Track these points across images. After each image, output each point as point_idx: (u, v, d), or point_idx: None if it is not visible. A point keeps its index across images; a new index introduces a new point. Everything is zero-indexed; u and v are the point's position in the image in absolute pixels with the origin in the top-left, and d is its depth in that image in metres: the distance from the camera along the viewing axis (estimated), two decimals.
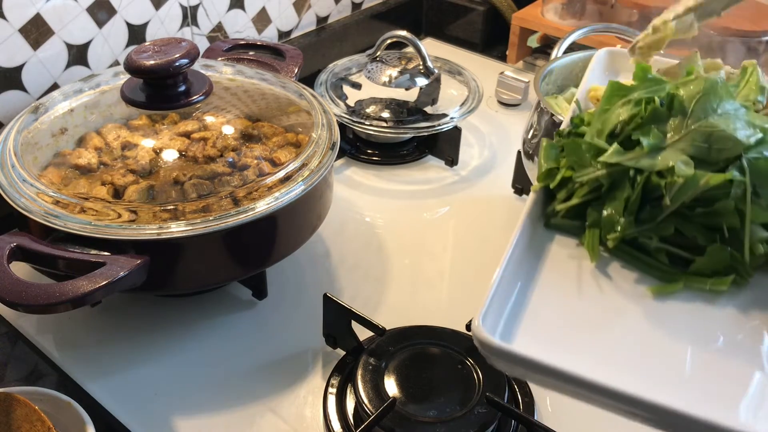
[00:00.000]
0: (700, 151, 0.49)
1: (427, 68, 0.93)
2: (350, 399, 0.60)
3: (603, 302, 0.48)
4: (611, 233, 0.50)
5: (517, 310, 0.47)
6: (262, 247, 0.64)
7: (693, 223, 0.49)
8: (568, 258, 0.51)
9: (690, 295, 0.49)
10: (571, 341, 0.46)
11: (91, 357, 0.65)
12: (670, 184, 0.48)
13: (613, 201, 0.50)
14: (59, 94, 0.71)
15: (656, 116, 0.51)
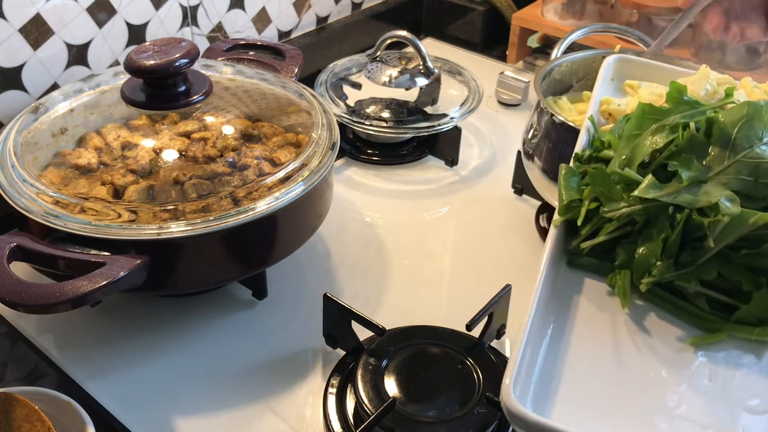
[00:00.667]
0: (745, 186, 0.45)
1: (427, 68, 0.93)
2: (350, 399, 0.60)
3: (643, 365, 0.43)
4: (645, 277, 0.46)
5: (549, 373, 0.42)
6: (262, 247, 0.64)
7: (737, 265, 0.45)
8: (599, 310, 0.46)
9: (734, 345, 0.44)
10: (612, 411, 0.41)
11: (91, 357, 0.65)
12: (713, 223, 0.43)
13: (648, 240, 0.46)
14: (59, 94, 0.71)
15: (694, 144, 0.47)
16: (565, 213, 0.49)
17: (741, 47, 0.97)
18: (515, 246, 0.79)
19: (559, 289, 0.47)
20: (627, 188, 0.47)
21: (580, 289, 0.48)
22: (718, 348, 0.44)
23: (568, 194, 0.49)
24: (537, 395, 0.41)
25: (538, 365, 0.43)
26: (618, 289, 0.47)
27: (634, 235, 0.47)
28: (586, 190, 0.49)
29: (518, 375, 0.40)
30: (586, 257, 0.49)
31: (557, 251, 0.49)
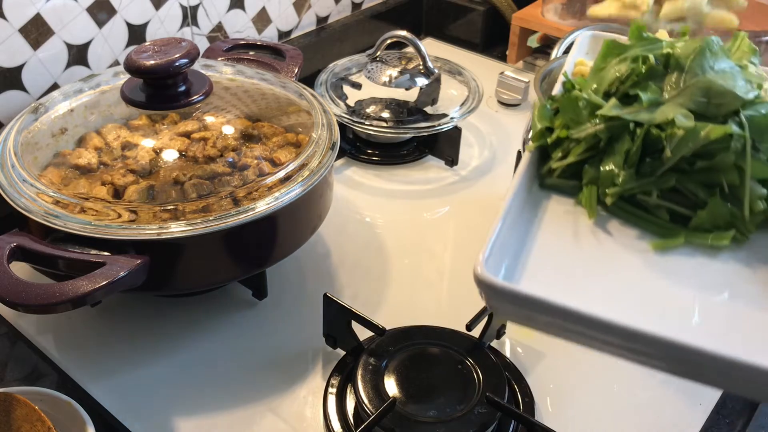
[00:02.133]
0: (699, 106, 0.49)
1: (427, 68, 0.93)
2: (350, 399, 0.60)
3: (603, 253, 0.48)
4: (610, 188, 0.50)
5: (518, 257, 0.47)
6: (262, 247, 0.64)
7: (693, 178, 0.49)
8: (565, 214, 0.51)
9: (691, 250, 0.48)
10: (575, 285, 0.46)
11: (91, 357, 0.65)
12: (670, 136, 0.48)
13: (612, 155, 0.50)
14: (59, 94, 0.71)
15: (653, 73, 0.52)
16: (538, 140, 0.54)
17: None
18: None
19: (532, 204, 0.52)
20: (593, 113, 0.51)
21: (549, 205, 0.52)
22: (676, 252, 0.48)
23: (541, 122, 0.54)
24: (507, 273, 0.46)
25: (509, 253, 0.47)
26: (584, 201, 0.51)
27: (600, 155, 0.51)
28: (558, 120, 0.53)
29: (491, 253, 0.44)
30: (557, 178, 0.53)
31: (531, 173, 0.53)
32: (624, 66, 0.53)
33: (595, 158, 0.51)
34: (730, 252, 0.48)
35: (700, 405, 0.62)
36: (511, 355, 0.66)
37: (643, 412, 0.61)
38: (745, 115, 0.49)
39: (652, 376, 0.64)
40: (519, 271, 0.46)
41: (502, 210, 0.48)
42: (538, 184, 0.53)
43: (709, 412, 0.61)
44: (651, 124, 0.49)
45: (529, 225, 0.50)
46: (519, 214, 0.50)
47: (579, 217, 0.51)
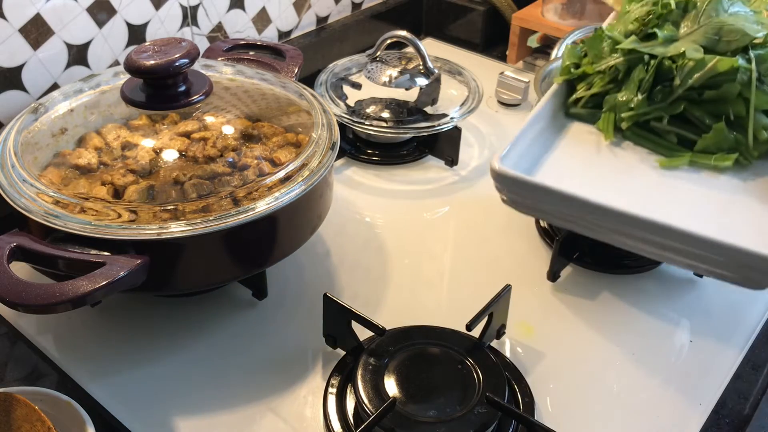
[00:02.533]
0: (710, 42, 0.54)
1: (427, 68, 0.93)
2: (350, 399, 0.60)
3: (615, 163, 0.55)
4: (626, 112, 0.55)
5: (537, 161, 0.54)
6: (262, 247, 0.64)
7: (701, 106, 0.53)
8: (587, 134, 0.58)
9: (696, 169, 0.54)
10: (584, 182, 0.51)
11: (91, 357, 0.65)
12: (680, 66, 0.53)
13: (628, 85, 0.56)
14: (59, 94, 0.71)
15: (672, 16, 0.57)
16: (566, 74, 0.60)
17: None
18: (515, 246, 0.79)
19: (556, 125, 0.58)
20: (614, 48, 0.57)
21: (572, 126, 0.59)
22: (682, 170, 0.54)
23: (569, 59, 0.61)
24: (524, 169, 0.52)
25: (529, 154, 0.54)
26: (603, 126, 0.57)
27: (619, 86, 0.57)
28: (585, 59, 0.60)
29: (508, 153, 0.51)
30: (581, 108, 0.59)
31: (556, 101, 0.60)
32: (645, 8, 0.58)
33: (615, 89, 0.57)
34: (732, 173, 0.53)
35: (700, 405, 0.62)
36: (511, 355, 0.66)
37: (643, 412, 0.61)
38: (754, 52, 0.53)
39: (652, 376, 0.64)
40: (535, 170, 0.53)
41: (525, 122, 0.54)
42: (564, 113, 0.60)
43: (709, 412, 0.61)
44: (664, 57, 0.54)
45: (551, 140, 0.57)
46: (542, 131, 0.56)
47: (597, 137, 0.57)
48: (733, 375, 0.64)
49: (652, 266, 0.75)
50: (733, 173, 0.53)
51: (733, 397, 0.63)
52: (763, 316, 0.71)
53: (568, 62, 0.60)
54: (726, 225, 0.48)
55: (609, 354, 0.66)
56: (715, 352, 0.67)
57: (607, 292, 0.73)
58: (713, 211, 0.50)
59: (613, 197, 0.48)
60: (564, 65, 0.60)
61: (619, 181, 0.53)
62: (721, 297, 0.73)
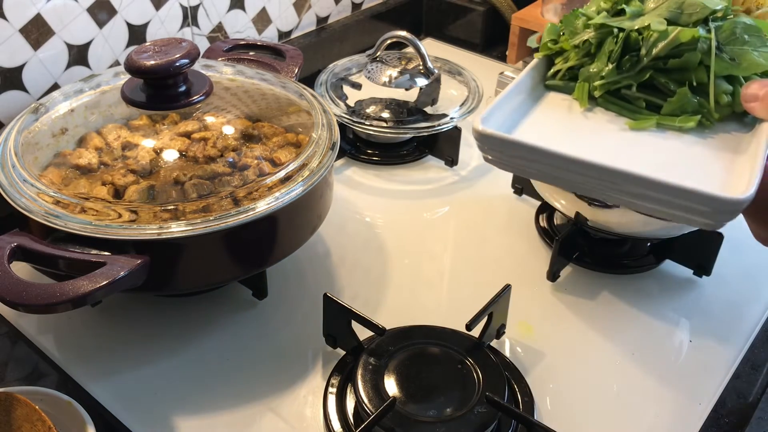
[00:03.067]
0: (673, 15, 0.59)
1: (427, 68, 0.93)
2: (350, 399, 0.60)
3: (587, 124, 0.59)
4: (598, 81, 0.60)
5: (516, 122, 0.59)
6: (262, 247, 0.64)
7: (666, 74, 0.58)
8: (561, 101, 0.63)
9: (662, 130, 0.58)
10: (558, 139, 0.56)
11: (91, 357, 0.65)
12: (646, 38, 0.58)
13: (600, 56, 0.61)
14: (60, 94, 0.71)
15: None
16: (545, 49, 0.65)
17: None
18: (515, 246, 0.79)
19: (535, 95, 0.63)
20: (588, 24, 0.62)
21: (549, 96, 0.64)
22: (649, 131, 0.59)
23: (549, 35, 0.65)
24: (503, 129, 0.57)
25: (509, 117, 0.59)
26: (578, 93, 0.62)
27: (592, 58, 0.62)
28: (563, 37, 0.65)
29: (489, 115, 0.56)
30: (559, 80, 0.64)
31: (536, 74, 0.64)
32: None
33: (589, 62, 0.62)
34: (695, 132, 0.58)
35: (700, 404, 0.62)
36: (511, 355, 0.66)
37: (642, 412, 0.61)
38: (713, 23, 0.58)
39: (652, 376, 0.64)
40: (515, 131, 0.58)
41: (506, 90, 0.59)
42: (543, 85, 0.64)
43: (709, 411, 0.61)
44: (631, 29, 0.59)
45: (530, 107, 0.61)
46: (522, 101, 0.61)
47: (573, 104, 0.62)
48: (732, 375, 0.65)
49: (652, 266, 0.75)
50: (696, 132, 0.58)
51: (733, 396, 0.63)
52: (763, 316, 0.71)
53: (547, 39, 0.65)
54: (685, 173, 0.53)
55: (609, 354, 0.66)
56: (715, 351, 0.67)
57: (607, 292, 0.73)
58: (676, 162, 0.55)
59: (587, 153, 0.53)
60: (543, 42, 0.65)
61: (592, 140, 0.58)
62: (721, 297, 0.73)
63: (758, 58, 0.57)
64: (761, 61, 0.57)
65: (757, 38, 0.58)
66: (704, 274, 0.74)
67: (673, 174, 0.51)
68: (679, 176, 0.51)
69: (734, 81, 0.58)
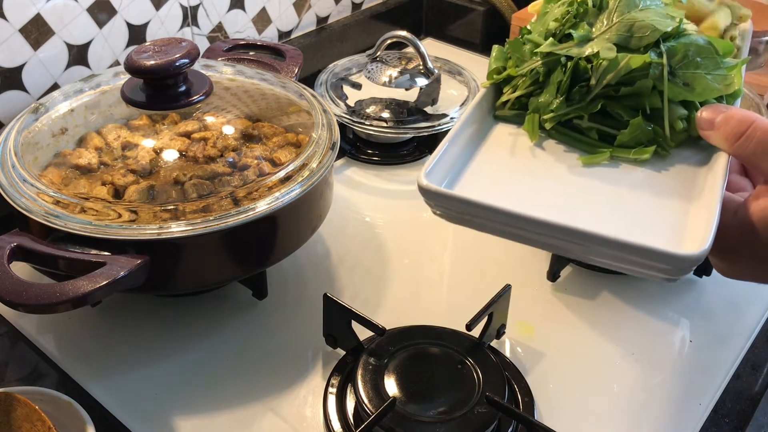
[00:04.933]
0: (623, 40, 0.55)
1: (427, 68, 0.93)
2: (350, 399, 0.60)
3: (541, 161, 0.56)
4: (547, 114, 0.57)
5: (461, 170, 0.55)
6: (262, 247, 0.64)
7: (619, 102, 0.55)
8: (514, 135, 0.59)
9: (615, 165, 0.55)
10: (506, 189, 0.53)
11: (91, 357, 0.65)
12: (596, 66, 0.55)
13: (548, 87, 0.57)
14: (59, 94, 0.71)
15: (587, 15, 0.58)
16: (492, 77, 0.61)
17: None
18: (515, 246, 0.79)
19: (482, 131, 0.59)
20: (534, 51, 0.59)
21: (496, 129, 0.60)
22: (602, 165, 0.55)
23: (496, 62, 0.61)
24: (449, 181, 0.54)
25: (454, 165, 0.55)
26: (527, 126, 0.58)
27: (541, 87, 0.58)
28: (510, 61, 0.61)
29: (434, 167, 0.52)
30: (508, 110, 0.60)
31: (484, 106, 0.60)
32: (561, 9, 0.59)
33: (538, 91, 0.58)
34: (651, 165, 0.55)
35: (700, 405, 0.62)
36: (511, 355, 0.66)
37: (643, 412, 0.61)
38: (665, 45, 0.55)
39: (652, 376, 0.64)
40: (459, 180, 0.54)
41: (450, 133, 0.55)
42: (492, 115, 0.60)
43: (709, 412, 0.61)
44: (579, 57, 0.55)
45: (479, 144, 0.58)
46: (468, 139, 0.57)
47: (519, 137, 0.58)
48: (732, 375, 0.65)
49: None
50: (652, 165, 0.55)
51: (733, 396, 0.63)
52: (763, 316, 0.71)
53: (494, 65, 0.61)
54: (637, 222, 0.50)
55: (609, 354, 0.66)
56: (715, 351, 0.67)
57: (607, 292, 0.73)
58: (628, 207, 0.52)
59: (535, 200, 0.50)
60: (490, 69, 0.61)
61: (544, 183, 0.54)
62: (721, 297, 0.73)
63: (712, 83, 0.54)
64: (715, 86, 0.54)
65: (710, 61, 0.55)
66: (704, 275, 0.74)
67: (625, 223, 0.49)
68: (630, 227, 0.48)
69: (689, 105, 0.55)
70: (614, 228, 0.46)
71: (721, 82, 0.55)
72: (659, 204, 0.51)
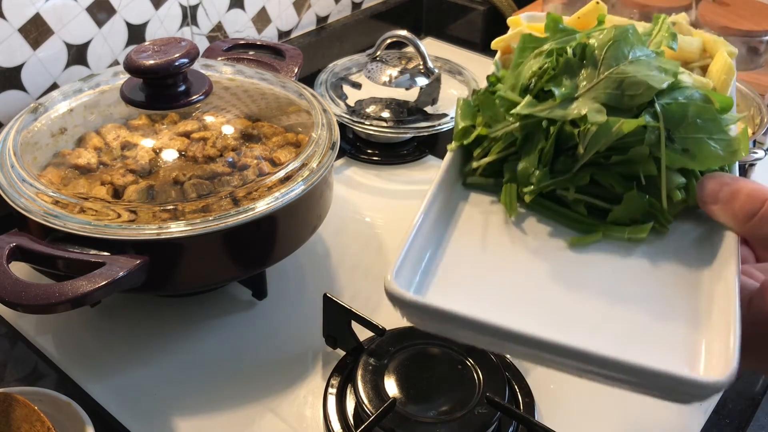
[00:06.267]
0: (612, 99, 0.48)
1: (427, 68, 0.93)
2: (350, 399, 0.60)
3: (516, 255, 0.47)
4: (527, 186, 0.49)
5: (430, 266, 0.46)
6: (262, 247, 0.63)
7: (609, 171, 0.48)
8: (480, 214, 0.50)
9: (608, 245, 0.47)
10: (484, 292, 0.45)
11: (90, 357, 0.65)
12: (583, 132, 0.47)
13: (528, 154, 0.49)
14: (59, 93, 0.71)
15: (569, 67, 0.50)
16: (459, 139, 0.52)
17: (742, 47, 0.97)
18: None
19: (451, 206, 0.51)
20: (510, 110, 0.50)
21: (467, 205, 0.51)
22: (593, 248, 0.47)
23: (463, 121, 0.53)
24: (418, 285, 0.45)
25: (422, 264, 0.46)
26: (504, 201, 0.50)
27: (518, 152, 0.50)
28: (479, 118, 0.52)
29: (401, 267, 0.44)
30: (479, 177, 0.52)
31: (452, 174, 0.52)
32: (539, 61, 0.51)
33: (515, 157, 0.50)
34: (648, 243, 0.47)
35: (701, 405, 0.62)
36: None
37: (643, 413, 0.61)
38: (660, 104, 0.47)
39: None
40: (429, 281, 0.45)
41: (415, 218, 0.48)
42: (462, 183, 0.52)
43: (710, 412, 0.61)
44: (563, 120, 0.48)
45: (443, 230, 0.49)
46: (435, 220, 0.49)
47: (494, 216, 0.50)
48: None
49: None
50: (650, 244, 0.47)
51: (733, 397, 0.62)
52: None
53: (462, 124, 0.52)
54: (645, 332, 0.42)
55: None
56: None
57: None
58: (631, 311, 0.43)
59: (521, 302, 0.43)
60: (456, 128, 0.53)
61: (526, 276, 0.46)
62: None
63: (715, 149, 0.47)
64: (718, 153, 0.47)
65: (712, 123, 0.47)
66: None
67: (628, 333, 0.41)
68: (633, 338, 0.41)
69: (688, 172, 0.48)
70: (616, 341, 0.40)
71: (725, 149, 0.47)
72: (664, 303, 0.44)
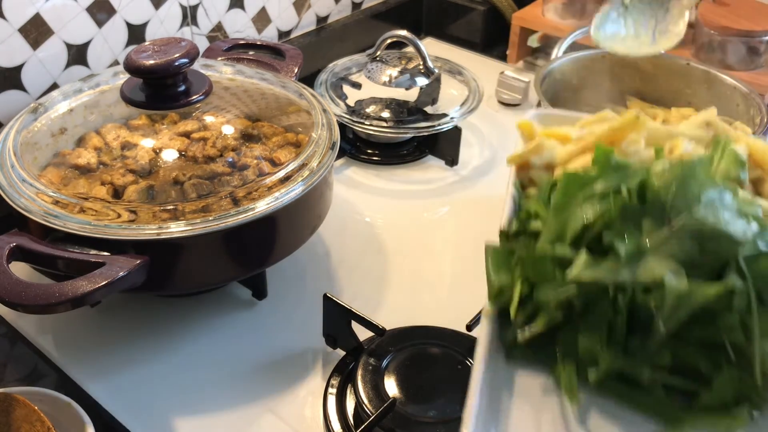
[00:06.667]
0: (689, 255, 0.39)
1: (428, 68, 0.93)
2: (350, 399, 0.60)
3: None
4: (594, 372, 0.41)
5: None
6: (262, 247, 0.63)
7: (692, 345, 0.40)
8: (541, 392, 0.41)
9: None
10: None
11: (90, 357, 0.65)
12: (658, 300, 0.38)
13: (591, 328, 0.40)
14: (59, 93, 0.71)
15: (627, 213, 0.42)
16: (496, 299, 0.44)
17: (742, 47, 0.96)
18: None
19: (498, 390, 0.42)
20: (560, 266, 0.41)
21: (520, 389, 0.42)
22: None
23: (498, 278, 0.45)
24: None
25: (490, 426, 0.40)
26: (564, 385, 0.41)
27: (575, 320, 0.41)
28: (517, 270, 0.44)
29: None
30: (526, 349, 0.43)
31: (492, 346, 0.43)
32: (592, 206, 0.43)
33: (571, 325, 0.41)
34: None
35: None
36: None
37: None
38: (747, 257, 0.39)
39: None
40: None
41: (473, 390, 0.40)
42: (504, 356, 0.43)
43: None
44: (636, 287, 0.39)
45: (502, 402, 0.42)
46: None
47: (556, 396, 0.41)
48: None
49: None
50: None
51: None
52: None
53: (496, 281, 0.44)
54: None
55: None
56: None
57: None
58: None
59: None
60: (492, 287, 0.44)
61: None
62: None
63: None
64: None
65: None
66: None
67: None
68: None
69: None
70: None
71: None
72: None
